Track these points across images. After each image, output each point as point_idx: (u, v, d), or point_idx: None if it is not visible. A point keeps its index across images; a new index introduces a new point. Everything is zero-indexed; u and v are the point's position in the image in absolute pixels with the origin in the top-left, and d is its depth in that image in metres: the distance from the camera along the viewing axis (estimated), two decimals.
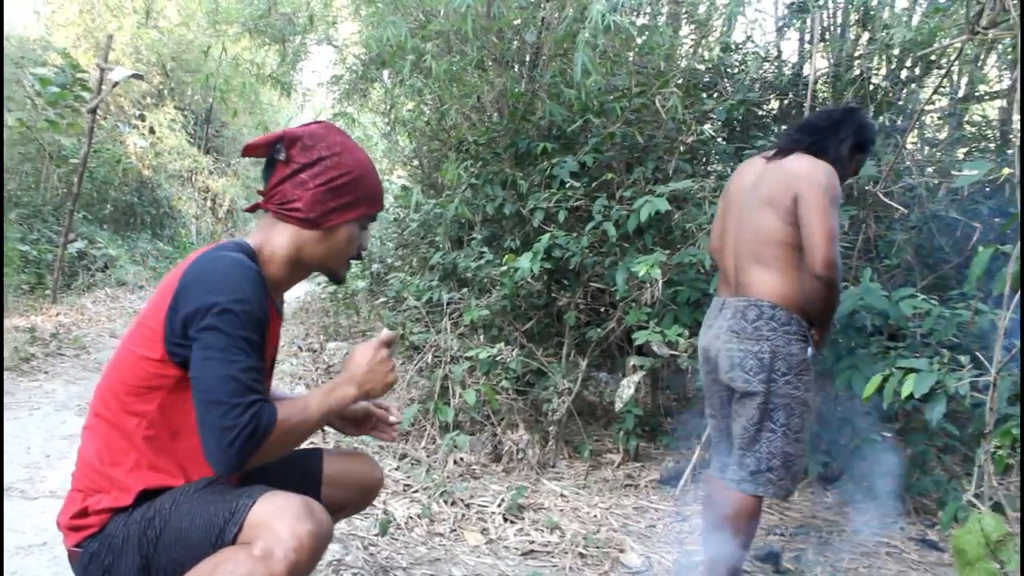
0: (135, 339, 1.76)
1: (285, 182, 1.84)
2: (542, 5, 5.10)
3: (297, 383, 6.01)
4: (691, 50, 6.30)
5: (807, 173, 2.69)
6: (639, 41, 4.51)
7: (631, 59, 5.11)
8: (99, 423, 1.78)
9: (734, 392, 2.87)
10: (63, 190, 12.00)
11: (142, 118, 14.61)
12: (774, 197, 2.74)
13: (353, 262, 2.03)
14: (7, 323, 6.77)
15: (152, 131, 14.71)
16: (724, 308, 2.94)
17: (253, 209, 1.98)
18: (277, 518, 1.62)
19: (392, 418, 2.24)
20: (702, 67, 5.81)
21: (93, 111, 7.88)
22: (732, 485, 2.82)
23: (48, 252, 10.42)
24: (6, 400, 4.85)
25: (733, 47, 6.03)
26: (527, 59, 5.85)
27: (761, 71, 6.03)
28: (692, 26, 6.44)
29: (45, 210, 11.82)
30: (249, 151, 1.91)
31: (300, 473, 2.14)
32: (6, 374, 5.30)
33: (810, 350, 2.79)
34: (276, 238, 1.88)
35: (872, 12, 5.60)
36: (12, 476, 3.73)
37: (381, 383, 1.86)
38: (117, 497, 1.74)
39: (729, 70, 5.92)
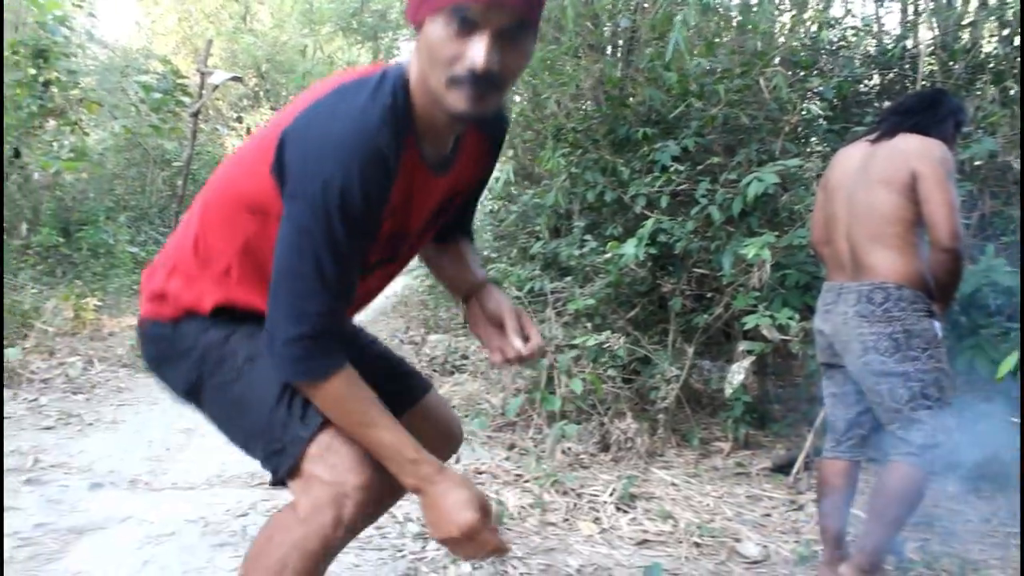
0: (252, 153, 1.53)
1: None
2: None
3: None
4: (789, 28, 6.14)
5: (922, 150, 2.71)
6: (737, 20, 4.39)
7: (730, 40, 4.99)
8: (206, 211, 1.61)
9: (864, 374, 2.82)
10: (167, 192, 12.38)
11: (239, 120, 14.97)
12: (890, 176, 2.74)
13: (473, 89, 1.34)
14: (123, 322, 7.01)
15: (249, 132, 15.05)
16: (844, 293, 2.91)
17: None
18: (328, 466, 1.48)
19: (523, 350, 1.74)
20: (800, 44, 5.66)
21: (195, 115, 8.11)
22: (900, 458, 2.77)
23: (155, 253, 10.75)
24: (127, 395, 5.04)
25: (832, 22, 5.85)
26: (622, 44, 5.78)
27: (863, 46, 5.85)
28: (789, 2, 6.28)
29: (151, 212, 12.21)
30: None
31: (400, 385, 1.93)
32: (125, 371, 5.50)
33: (938, 324, 2.77)
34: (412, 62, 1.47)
35: None
36: (137, 469, 3.85)
37: (439, 525, 1.49)
38: (197, 298, 1.61)
39: (829, 46, 5.75)
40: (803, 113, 4.86)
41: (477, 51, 1.30)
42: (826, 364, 3.11)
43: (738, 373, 4.25)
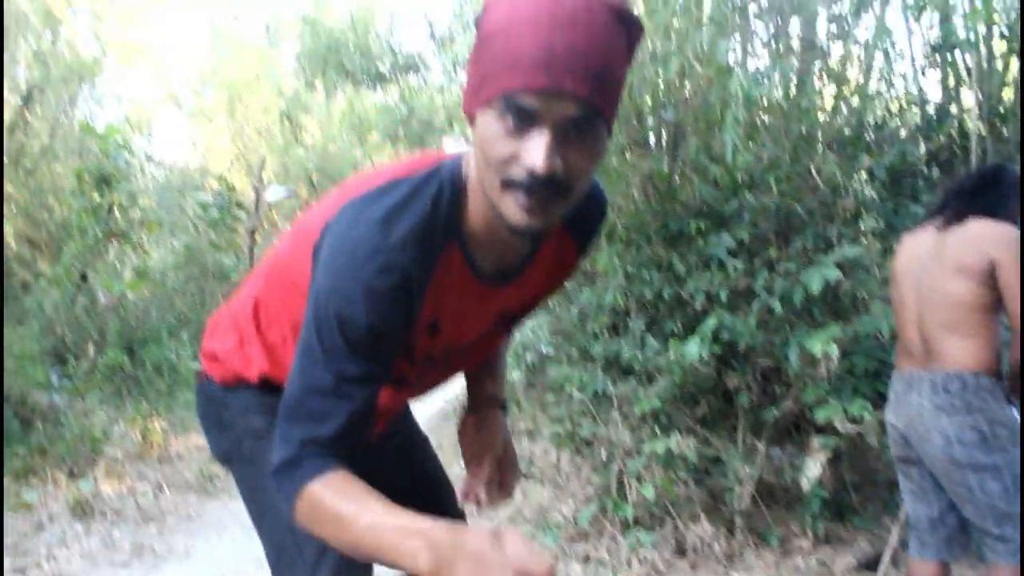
0: (305, 229, 1.37)
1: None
2: (680, 83, 5.06)
3: None
4: (832, 107, 6.12)
5: (998, 237, 2.68)
6: (781, 105, 4.39)
7: (777, 125, 4.98)
8: (267, 276, 1.55)
9: (948, 468, 2.72)
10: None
11: None
12: (966, 264, 2.70)
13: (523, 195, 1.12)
14: (189, 442, 7.07)
15: None
16: (916, 383, 2.85)
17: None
18: None
19: (482, 501, 1.63)
20: (843, 120, 5.62)
21: (252, 232, 8.29)
22: (1005, 559, 2.68)
23: None
24: (197, 523, 5.03)
25: (874, 95, 5.81)
26: (667, 137, 5.81)
27: (908, 117, 5.81)
28: (826, 79, 6.26)
29: None
30: None
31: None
32: (195, 496, 5.51)
33: (1016, 412, 2.72)
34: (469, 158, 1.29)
35: None
36: None
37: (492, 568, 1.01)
38: (246, 364, 1.57)
39: (873, 121, 5.71)
40: (857, 196, 4.79)
41: (536, 150, 1.07)
42: (901, 458, 3.02)
43: (813, 468, 4.14)
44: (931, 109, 5.83)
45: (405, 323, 1.27)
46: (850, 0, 5.27)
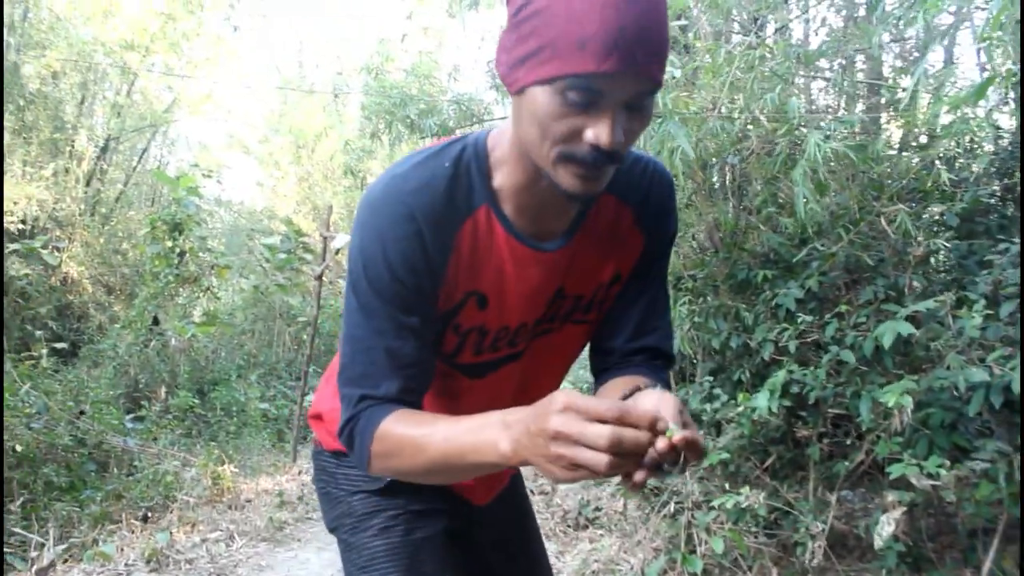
0: None
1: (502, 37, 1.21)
2: (747, 135, 5.05)
3: None
4: (899, 147, 6.02)
5: None
6: (852, 156, 4.33)
7: (844, 174, 4.93)
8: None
9: None
10: (294, 348, 12.81)
11: None
12: None
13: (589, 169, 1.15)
14: (259, 486, 7.16)
15: None
16: None
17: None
18: None
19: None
20: (916, 160, 5.50)
21: (319, 278, 8.43)
22: None
23: (284, 407, 11.07)
24: (268, 573, 5.08)
25: (941, 130, 5.68)
26: (733, 184, 5.78)
27: (981, 152, 5.67)
28: (892, 115, 6.16)
29: (279, 367, 12.61)
30: None
31: None
32: (265, 545, 5.57)
33: None
34: (505, 130, 1.31)
35: None
36: None
37: (540, 457, 1.04)
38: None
39: (944, 154, 5.57)
40: (930, 246, 4.69)
41: (603, 129, 1.09)
42: None
43: (887, 525, 4.04)
44: (1006, 143, 5.70)
45: (429, 274, 1.27)
46: (917, 34, 5.20)
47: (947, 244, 4.56)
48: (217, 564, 5.09)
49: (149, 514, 6.00)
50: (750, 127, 5.09)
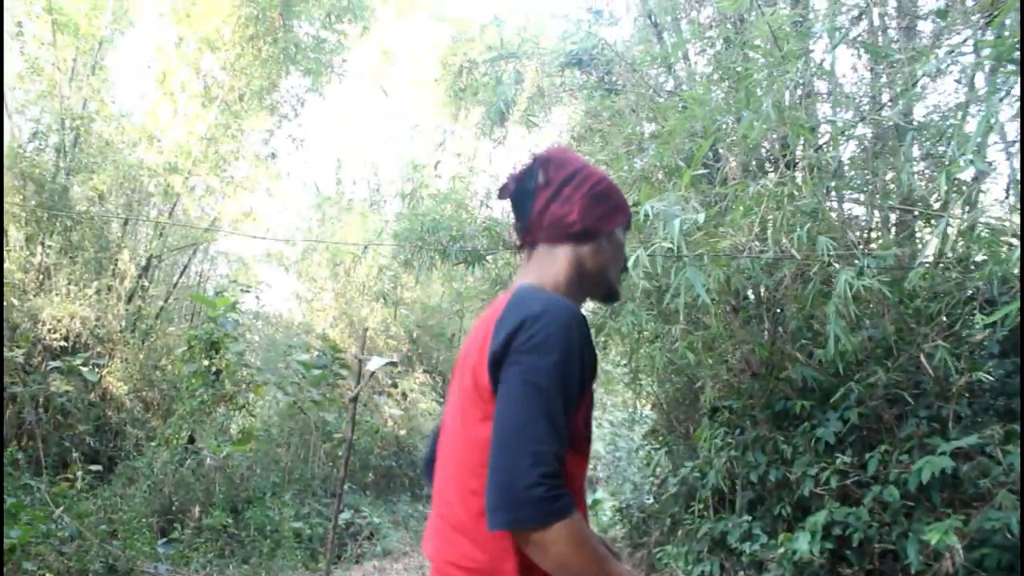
0: (460, 409, 1.67)
1: (551, 203, 1.77)
2: (780, 265, 5.02)
3: None
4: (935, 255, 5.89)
5: None
6: (887, 292, 4.27)
7: (880, 308, 4.85)
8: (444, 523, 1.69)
9: None
10: (329, 464, 12.72)
11: (395, 385, 15.51)
12: None
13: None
14: None
15: (404, 396, 15.53)
16: None
17: (523, 245, 1.87)
18: None
19: None
20: (954, 277, 5.35)
21: (354, 400, 8.41)
22: None
23: (319, 526, 10.93)
24: None
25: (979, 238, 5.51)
26: (768, 313, 5.72)
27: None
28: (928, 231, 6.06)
29: (314, 484, 12.52)
30: (504, 192, 1.88)
31: None
32: None
33: None
34: (553, 265, 1.77)
35: None
36: None
37: None
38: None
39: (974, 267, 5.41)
40: (972, 377, 4.55)
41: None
42: None
43: None
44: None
45: (596, 372, 1.64)
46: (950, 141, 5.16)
47: (991, 376, 4.44)
48: None
49: None
50: (781, 258, 5.08)
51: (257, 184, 13.56)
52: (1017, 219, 5.71)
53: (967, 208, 5.48)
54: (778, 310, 5.76)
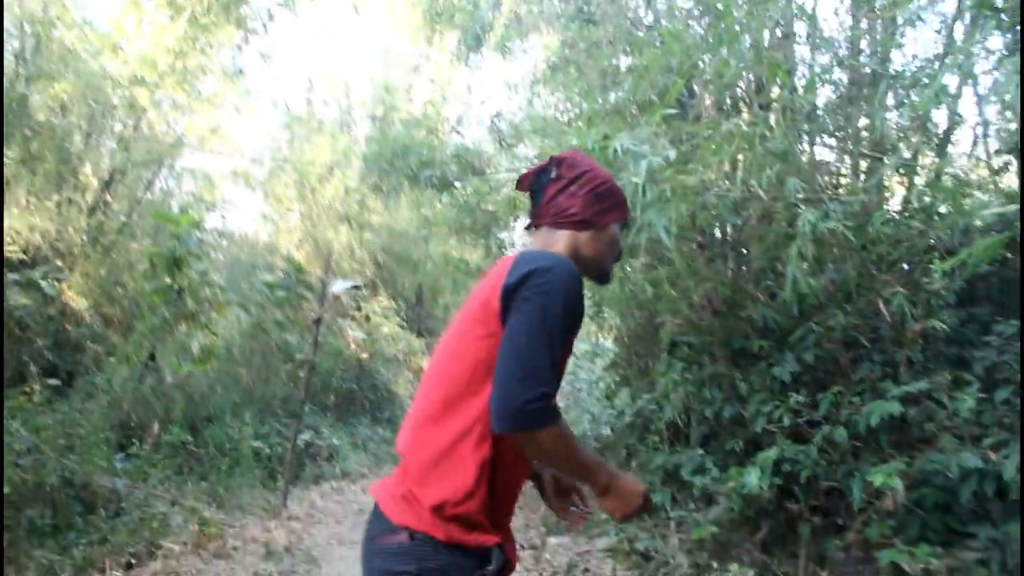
0: (460, 332, 1.97)
1: (558, 195, 2.13)
2: (747, 205, 5.03)
3: None
4: (901, 203, 5.94)
5: None
6: (851, 237, 4.30)
7: (843, 253, 4.88)
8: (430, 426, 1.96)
9: None
10: (290, 385, 12.73)
11: (358, 309, 15.49)
12: None
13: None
14: (246, 534, 7.09)
15: (368, 320, 15.53)
16: None
17: (532, 225, 2.21)
18: None
19: (583, 510, 2.33)
20: (917, 226, 5.40)
21: (317, 322, 8.39)
22: None
23: (278, 446, 10.98)
24: None
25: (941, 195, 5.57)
26: (732, 252, 5.75)
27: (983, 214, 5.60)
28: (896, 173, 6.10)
29: (275, 403, 12.54)
30: (522, 183, 2.23)
31: None
32: None
33: None
34: (556, 244, 2.11)
35: None
36: None
37: (625, 506, 1.98)
38: (428, 523, 1.87)
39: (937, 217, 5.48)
40: (927, 324, 4.62)
41: (622, 242, 2.24)
42: None
43: None
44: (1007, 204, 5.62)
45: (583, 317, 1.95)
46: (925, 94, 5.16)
47: (945, 325, 4.51)
48: None
49: (133, 561, 5.91)
50: (748, 198, 5.09)
51: (225, 101, 13.28)
52: (986, 171, 5.78)
53: (935, 159, 5.53)
54: (742, 250, 5.80)
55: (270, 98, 21.99)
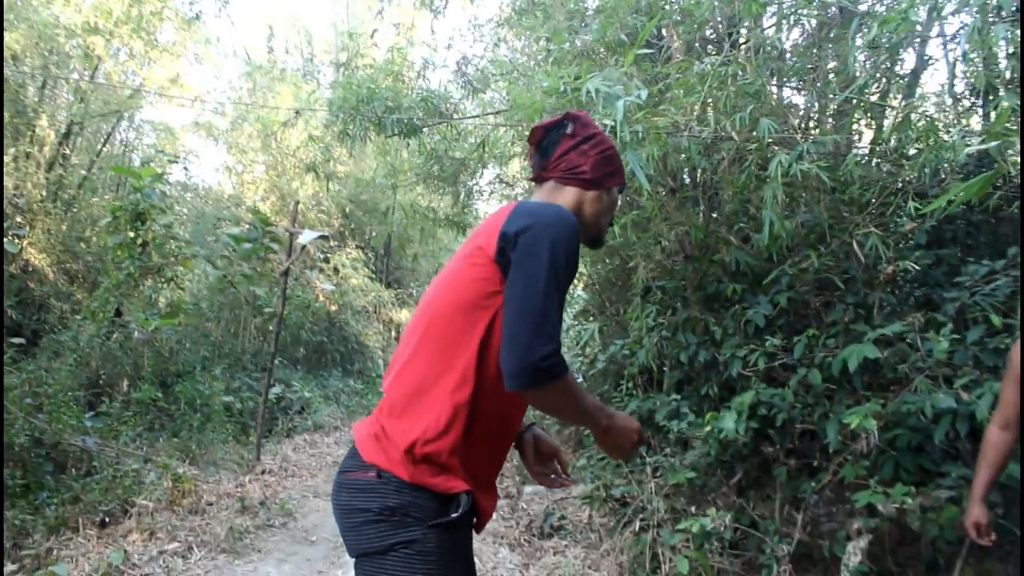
0: (455, 272, 1.98)
1: (571, 151, 2.18)
2: (719, 147, 4.98)
3: (500, 543, 5.91)
4: (870, 144, 5.91)
5: None
6: (824, 178, 4.26)
7: (815, 195, 4.85)
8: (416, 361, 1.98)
9: None
10: (260, 338, 12.65)
11: (327, 260, 15.36)
12: None
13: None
14: (220, 489, 7.05)
15: (336, 271, 15.41)
16: None
17: (537, 178, 2.26)
18: None
19: (563, 478, 2.38)
20: (887, 167, 5.39)
21: (285, 274, 8.28)
22: None
23: (250, 400, 10.92)
24: None
25: (911, 135, 5.56)
26: (704, 195, 5.70)
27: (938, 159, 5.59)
28: (865, 120, 6.08)
29: (244, 358, 12.45)
30: (535, 134, 2.26)
31: None
32: (224, 558, 5.47)
33: None
34: (560, 199, 2.18)
35: None
36: None
37: (622, 443, 2.06)
38: (396, 462, 1.90)
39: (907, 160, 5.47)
40: (899, 266, 4.61)
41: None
42: None
43: (854, 555, 4.02)
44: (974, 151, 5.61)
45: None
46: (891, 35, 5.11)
47: (916, 266, 4.50)
48: None
49: (107, 519, 5.86)
50: (721, 139, 5.02)
51: (184, 49, 12.97)
52: (952, 114, 5.76)
53: (903, 100, 5.49)
54: (714, 193, 5.75)
55: (231, 47, 21.55)
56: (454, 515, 1.88)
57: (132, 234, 9.37)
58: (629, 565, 4.77)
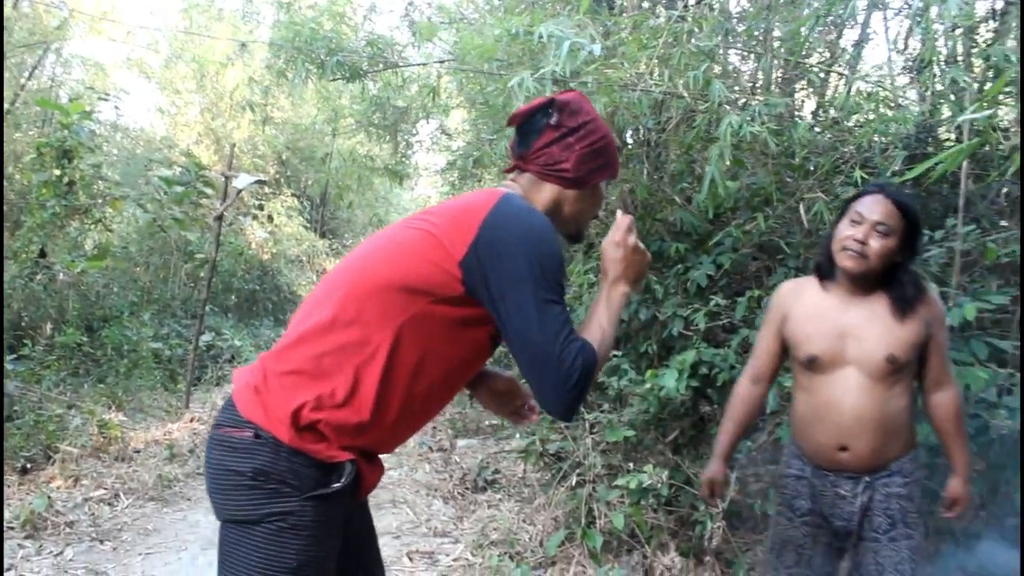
0: (401, 241, 1.84)
1: (553, 144, 1.97)
2: (668, 106, 4.94)
3: (434, 495, 5.90)
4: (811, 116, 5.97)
5: None
6: (774, 145, 4.27)
7: (761, 158, 4.85)
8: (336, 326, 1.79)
9: None
10: (190, 285, 12.39)
11: (261, 208, 15.06)
12: None
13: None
14: (148, 436, 6.91)
15: (271, 219, 15.13)
16: None
17: (511, 170, 2.09)
18: None
19: (530, 406, 2.29)
20: (829, 136, 5.44)
21: (219, 218, 8.08)
22: None
23: (179, 347, 10.71)
24: (155, 538, 4.87)
25: (854, 106, 5.64)
26: (650, 153, 5.68)
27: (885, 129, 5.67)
28: (808, 91, 6.13)
29: (174, 304, 12.20)
30: (515, 119, 2.04)
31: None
32: (152, 506, 5.37)
33: None
34: (537, 196, 2.01)
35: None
36: None
37: (643, 269, 1.95)
38: (276, 421, 1.73)
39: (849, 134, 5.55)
40: None
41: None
42: None
43: None
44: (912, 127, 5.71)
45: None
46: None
47: None
48: (100, 528, 4.86)
49: (28, 466, 5.70)
50: (670, 97, 4.99)
51: None
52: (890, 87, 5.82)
53: (847, 71, 5.53)
54: (661, 152, 5.73)
55: None
56: (336, 486, 1.74)
57: (58, 172, 9.03)
58: (564, 520, 4.79)
